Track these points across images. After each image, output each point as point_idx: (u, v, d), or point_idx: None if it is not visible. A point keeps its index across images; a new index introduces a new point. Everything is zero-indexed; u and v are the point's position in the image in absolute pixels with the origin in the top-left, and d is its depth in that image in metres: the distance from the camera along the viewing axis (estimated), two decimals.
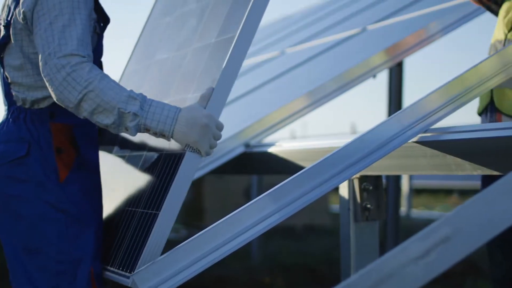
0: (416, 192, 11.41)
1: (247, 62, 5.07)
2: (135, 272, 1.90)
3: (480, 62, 2.21)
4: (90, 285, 2.08)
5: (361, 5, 4.94)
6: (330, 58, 3.96)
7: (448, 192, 11.81)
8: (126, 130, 1.96)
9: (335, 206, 9.81)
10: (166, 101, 2.22)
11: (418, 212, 9.63)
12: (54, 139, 2.09)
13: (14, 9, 2.09)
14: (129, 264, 2.03)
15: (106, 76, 1.96)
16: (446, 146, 2.11)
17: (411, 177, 9.60)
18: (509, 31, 2.67)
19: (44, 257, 2.06)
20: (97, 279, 2.10)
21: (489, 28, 2.82)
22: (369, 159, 2.10)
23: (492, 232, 1.31)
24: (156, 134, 1.97)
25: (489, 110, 2.71)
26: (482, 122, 2.78)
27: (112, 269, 2.11)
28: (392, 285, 1.28)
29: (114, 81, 1.96)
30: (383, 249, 3.64)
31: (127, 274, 2.00)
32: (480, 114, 2.79)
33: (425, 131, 2.15)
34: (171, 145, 2.10)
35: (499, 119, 2.69)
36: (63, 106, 1.97)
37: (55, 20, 1.97)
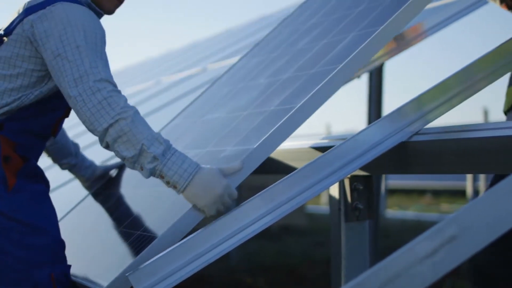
0: (389, 192, 11.48)
1: (228, 62, 5.06)
2: (132, 272, 1.89)
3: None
4: None
5: None
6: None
7: (421, 192, 11.91)
8: (141, 169, 1.96)
9: (310, 207, 9.84)
10: (203, 150, 2.31)
11: (392, 212, 9.69)
12: (2, 148, 2.08)
13: (19, 22, 2.11)
14: (107, 272, 2.07)
15: (139, 113, 1.99)
16: (440, 146, 2.12)
17: (385, 177, 9.65)
18: None
19: (1, 267, 2.05)
20: (59, 284, 2.09)
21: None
22: (363, 159, 2.11)
23: (499, 230, 1.32)
24: (168, 184, 1.97)
25: None
26: (508, 119, 2.75)
27: (85, 276, 2.15)
28: (400, 284, 1.28)
29: (145, 120, 1.99)
30: None
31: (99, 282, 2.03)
32: (506, 112, 2.78)
33: (419, 131, 2.16)
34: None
35: None
36: (89, 129, 1.97)
37: (81, 44, 2.01)
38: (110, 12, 2.24)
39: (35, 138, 2.17)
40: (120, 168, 2.82)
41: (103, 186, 2.77)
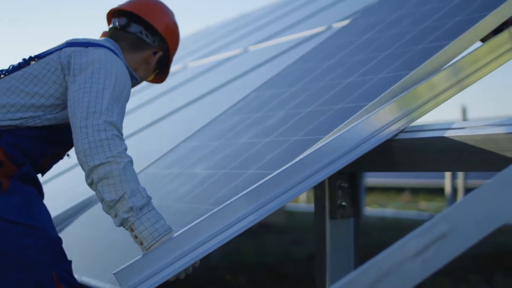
0: (367, 190, 11.51)
1: (208, 60, 5.06)
2: (118, 270, 1.88)
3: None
4: None
5: (323, 3, 4.97)
6: (296, 56, 3.96)
7: (399, 190, 11.96)
8: (115, 216, 1.96)
9: (289, 205, 9.85)
10: (220, 172, 2.35)
11: (371, 210, 9.72)
12: None
13: (57, 50, 2.19)
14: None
15: (132, 164, 2.01)
16: (424, 144, 2.13)
17: (364, 175, 9.66)
18: None
19: (1, 269, 2.05)
20: (62, 282, 2.09)
21: None
22: (349, 156, 2.11)
23: (488, 228, 1.32)
24: (136, 238, 1.97)
25: None
26: None
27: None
28: (390, 281, 1.29)
29: (135, 173, 2.00)
30: None
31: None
32: None
33: (404, 129, 2.17)
34: None
35: None
36: (80, 161, 1.98)
37: (108, 88, 2.07)
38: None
39: (26, 157, 2.18)
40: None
41: None
